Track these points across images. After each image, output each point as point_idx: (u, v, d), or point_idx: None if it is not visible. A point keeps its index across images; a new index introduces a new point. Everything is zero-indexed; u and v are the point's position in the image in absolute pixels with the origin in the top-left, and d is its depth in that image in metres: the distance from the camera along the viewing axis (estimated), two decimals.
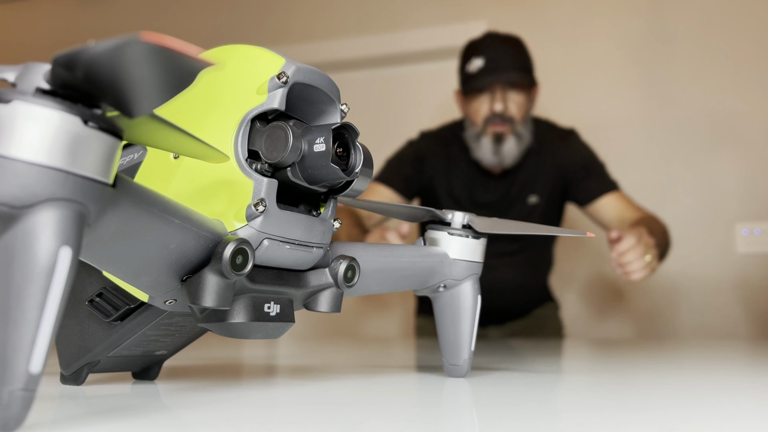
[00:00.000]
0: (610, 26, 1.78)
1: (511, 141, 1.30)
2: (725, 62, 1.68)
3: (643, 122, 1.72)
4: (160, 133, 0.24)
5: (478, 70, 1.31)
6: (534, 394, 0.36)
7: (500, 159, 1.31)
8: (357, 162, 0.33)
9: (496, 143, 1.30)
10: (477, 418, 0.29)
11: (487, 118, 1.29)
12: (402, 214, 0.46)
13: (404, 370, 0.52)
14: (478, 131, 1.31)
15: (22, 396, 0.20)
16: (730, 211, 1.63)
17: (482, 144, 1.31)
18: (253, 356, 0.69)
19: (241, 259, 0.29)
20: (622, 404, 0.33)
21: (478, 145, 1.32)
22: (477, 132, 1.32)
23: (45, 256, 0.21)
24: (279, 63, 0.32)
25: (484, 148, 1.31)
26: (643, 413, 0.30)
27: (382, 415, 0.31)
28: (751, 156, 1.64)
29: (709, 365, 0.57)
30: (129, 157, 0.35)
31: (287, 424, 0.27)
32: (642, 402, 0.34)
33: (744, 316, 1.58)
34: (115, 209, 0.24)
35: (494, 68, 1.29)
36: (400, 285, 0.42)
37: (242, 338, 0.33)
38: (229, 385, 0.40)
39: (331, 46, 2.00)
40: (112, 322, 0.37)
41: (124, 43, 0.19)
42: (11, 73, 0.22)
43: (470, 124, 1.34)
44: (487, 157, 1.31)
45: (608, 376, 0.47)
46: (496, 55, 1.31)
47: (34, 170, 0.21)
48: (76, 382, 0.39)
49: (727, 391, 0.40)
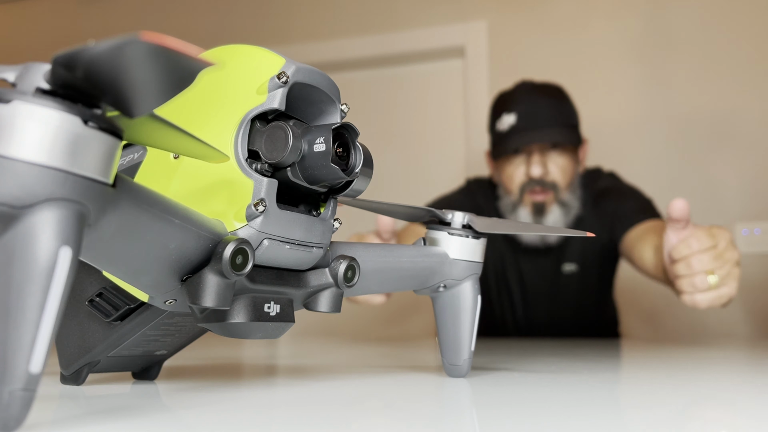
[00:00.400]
0: (610, 26, 1.78)
1: (555, 212, 1.08)
2: (725, 62, 1.68)
3: (643, 122, 1.72)
4: (160, 133, 0.24)
5: (510, 128, 1.08)
6: (534, 395, 0.36)
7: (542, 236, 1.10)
8: (357, 162, 0.33)
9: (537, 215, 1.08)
10: (477, 419, 0.29)
11: (524, 184, 1.08)
12: (402, 214, 0.46)
13: (404, 370, 0.52)
14: (515, 200, 1.10)
15: (22, 396, 0.20)
16: (730, 211, 1.63)
17: (519, 216, 1.09)
18: (253, 356, 0.69)
19: (241, 259, 0.29)
20: (622, 404, 0.33)
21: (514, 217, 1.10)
22: (513, 201, 1.10)
23: (45, 256, 0.21)
24: (279, 63, 0.32)
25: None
26: (643, 413, 0.30)
27: (382, 415, 0.31)
28: (751, 156, 1.64)
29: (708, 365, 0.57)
30: (129, 157, 0.35)
31: (287, 424, 0.27)
32: (642, 402, 0.34)
33: (744, 316, 1.58)
34: (115, 209, 0.24)
35: (530, 125, 1.07)
36: (400, 285, 0.42)
37: (242, 338, 0.33)
38: (229, 385, 0.40)
39: (331, 46, 2.00)
40: (112, 322, 0.37)
41: (124, 43, 0.19)
42: (11, 73, 0.22)
43: (504, 192, 1.12)
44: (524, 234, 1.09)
45: (608, 376, 0.47)
46: (531, 108, 1.09)
47: (34, 170, 0.21)
48: (76, 382, 0.39)
49: (727, 391, 0.40)
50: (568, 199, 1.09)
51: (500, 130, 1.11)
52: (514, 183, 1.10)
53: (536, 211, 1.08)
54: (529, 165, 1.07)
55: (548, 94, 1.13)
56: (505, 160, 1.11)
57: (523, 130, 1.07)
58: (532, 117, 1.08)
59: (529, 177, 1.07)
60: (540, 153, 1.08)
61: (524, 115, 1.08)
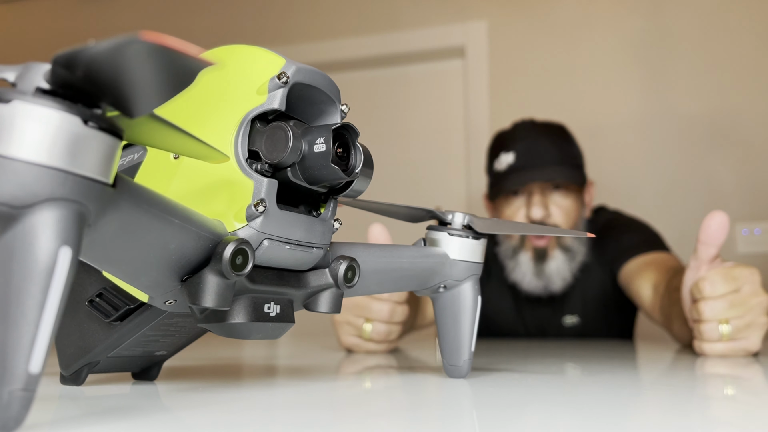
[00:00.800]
0: (610, 26, 1.78)
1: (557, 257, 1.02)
2: (725, 62, 1.68)
3: (643, 122, 1.72)
4: (160, 133, 0.24)
5: (509, 167, 1.02)
6: (534, 395, 0.36)
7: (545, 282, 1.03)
8: (357, 162, 0.33)
9: (539, 261, 1.02)
10: (477, 419, 0.29)
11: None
12: (401, 214, 0.46)
13: (404, 371, 0.52)
14: (515, 245, 1.04)
15: (22, 396, 0.20)
16: (730, 211, 1.63)
17: (520, 262, 1.03)
18: (253, 356, 0.69)
19: (241, 260, 0.29)
20: (622, 405, 0.33)
21: (515, 263, 1.04)
22: (513, 246, 1.05)
23: (45, 256, 0.20)
24: (279, 63, 0.32)
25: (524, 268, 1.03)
26: (643, 413, 0.30)
27: (382, 415, 0.30)
28: (751, 156, 1.64)
29: (708, 365, 0.57)
30: (129, 157, 0.35)
31: (287, 424, 0.27)
32: (642, 402, 0.34)
33: None
34: (115, 209, 0.24)
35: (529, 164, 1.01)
36: (400, 285, 0.42)
37: (242, 339, 0.33)
38: (229, 385, 0.40)
39: (331, 46, 2.00)
40: (112, 322, 0.37)
41: (124, 43, 0.19)
42: (11, 72, 0.22)
43: (504, 236, 1.07)
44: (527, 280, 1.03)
45: (608, 376, 0.47)
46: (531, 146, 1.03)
47: (34, 170, 0.21)
48: (76, 382, 0.39)
49: (727, 391, 0.40)
50: (571, 244, 1.03)
51: (498, 170, 1.04)
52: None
53: (538, 257, 1.02)
54: (530, 207, 1.01)
55: (549, 132, 1.07)
56: (504, 202, 1.05)
57: (523, 169, 1.01)
58: (531, 155, 1.02)
59: (529, 220, 1.00)
60: (541, 194, 1.02)
61: (523, 154, 1.02)
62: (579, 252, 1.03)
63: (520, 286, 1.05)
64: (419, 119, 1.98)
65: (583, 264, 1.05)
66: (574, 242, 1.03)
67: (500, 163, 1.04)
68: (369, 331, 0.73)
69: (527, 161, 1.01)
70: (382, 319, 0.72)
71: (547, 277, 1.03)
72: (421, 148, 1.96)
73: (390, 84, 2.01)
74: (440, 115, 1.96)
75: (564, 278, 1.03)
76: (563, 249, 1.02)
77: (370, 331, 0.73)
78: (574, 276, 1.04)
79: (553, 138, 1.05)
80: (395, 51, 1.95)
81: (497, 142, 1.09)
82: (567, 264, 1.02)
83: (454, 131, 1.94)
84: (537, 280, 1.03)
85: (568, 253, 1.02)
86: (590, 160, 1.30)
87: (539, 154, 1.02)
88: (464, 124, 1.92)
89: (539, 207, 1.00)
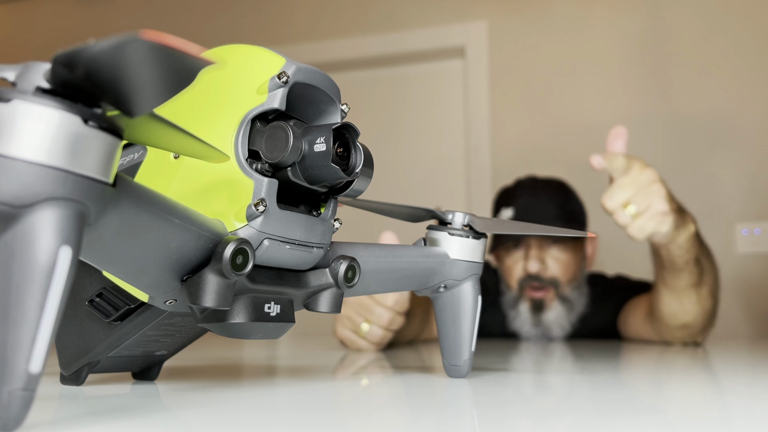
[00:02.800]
0: (610, 26, 1.78)
1: (556, 308, 1.05)
2: (725, 62, 1.68)
3: (643, 122, 1.72)
4: (161, 133, 0.24)
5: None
6: (534, 395, 0.36)
7: (543, 331, 1.06)
8: (357, 162, 0.32)
9: (536, 312, 1.05)
10: (477, 419, 0.29)
11: (522, 280, 1.06)
12: (402, 214, 0.46)
13: (404, 371, 0.52)
14: (515, 296, 1.08)
15: (22, 396, 0.20)
16: (730, 211, 1.63)
17: (520, 312, 1.07)
18: (253, 356, 0.69)
19: (242, 259, 0.29)
20: (623, 405, 0.33)
21: (515, 313, 1.08)
22: (514, 297, 1.08)
23: (45, 255, 0.20)
24: (279, 63, 0.31)
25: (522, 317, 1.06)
26: (643, 413, 0.30)
27: (382, 415, 0.30)
28: (751, 156, 1.64)
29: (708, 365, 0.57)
30: (129, 157, 0.35)
31: (287, 424, 0.27)
32: (642, 402, 0.34)
33: (744, 316, 1.58)
34: (115, 209, 0.24)
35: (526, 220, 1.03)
36: (400, 285, 0.42)
37: (242, 338, 0.33)
38: (229, 385, 0.40)
39: (331, 46, 2.00)
40: (112, 322, 0.37)
41: (124, 42, 0.19)
42: (11, 72, 0.22)
43: (506, 287, 1.11)
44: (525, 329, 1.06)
45: (609, 376, 0.47)
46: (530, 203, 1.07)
47: (34, 169, 0.20)
48: (76, 382, 0.39)
49: (727, 392, 0.40)
50: (570, 295, 1.06)
51: None
52: (513, 278, 1.08)
53: (535, 308, 1.05)
54: (527, 260, 1.05)
55: (549, 189, 1.10)
56: (505, 253, 1.09)
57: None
58: (529, 212, 1.06)
59: (526, 273, 1.05)
60: (538, 248, 1.05)
61: (522, 210, 1.06)
62: (578, 304, 1.07)
63: (520, 335, 1.08)
64: (419, 119, 1.98)
65: (583, 316, 1.08)
66: (575, 294, 1.06)
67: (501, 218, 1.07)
68: (366, 331, 0.76)
69: (525, 217, 1.05)
70: (381, 324, 0.76)
71: (545, 326, 1.06)
72: (421, 148, 1.96)
73: (390, 84, 2.01)
74: (440, 115, 1.96)
75: (563, 327, 1.06)
76: (562, 299, 1.05)
77: (366, 331, 0.76)
78: (573, 326, 1.07)
79: (552, 195, 1.10)
80: (395, 51, 1.95)
81: (499, 198, 1.14)
82: (566, 314, 1.05)
83: (454, 131, 1.94)
84: (535, 329, 1.06)
85: (566, 303, 1.05)
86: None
87: (537, 210, 1.06)
88: (464, 124, 1.92)
89: (535, 261, 1.04)
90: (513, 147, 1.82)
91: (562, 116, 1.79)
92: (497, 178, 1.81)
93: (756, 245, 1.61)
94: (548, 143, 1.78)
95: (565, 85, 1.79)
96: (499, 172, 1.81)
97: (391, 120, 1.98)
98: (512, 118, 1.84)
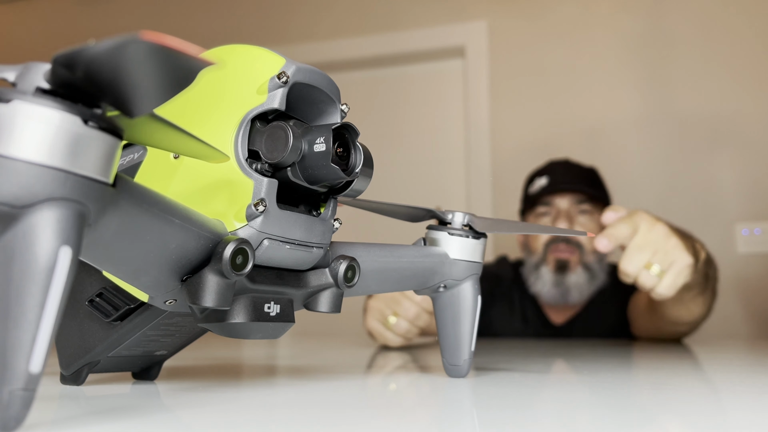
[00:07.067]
0: (610, 26, 1.78)
1: (579, 273, 1.05)
2: (725, 62, 1.68)
3: (643, 122, 1.72)
4: (160, 133, 0.24)
5: (541, 189, 1.09)
6: (534, 395, 0.36)
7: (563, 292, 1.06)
8: (357, 162, 0.33)
9: (559, 273, 1.06)
10: (477, 419, 0.29)
11: (548, 242, 1.07)
12: (402, 214, 0.46)
13: (404, 371, 0.52)
14: (538, 260, 1.08)
15: (22, 396, 0.20)
16: (730, 211, 1.63)
17: (542, 274, 1.07)
18: (253, 356, 0.69)
19: (241, 259, 0.29)
20: (622, 405, 0.33)
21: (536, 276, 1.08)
22: (536, 261, 1.09)
23: (45, 255, 0.20)
24: (279, 63, 0.32)
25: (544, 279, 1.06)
26: (643, 414, 0.30)
27: (382, 415, 0.30)
28: (751, 156, 1.64)
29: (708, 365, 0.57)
30: (129, 157, 0.35)
31: (287, 424, 0.27)
32: (642, 402, 0.34)
33: (744, 316, 1.58)
34: (115, 209, 0.24)
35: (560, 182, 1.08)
36: (400, 285, 0.42)
37: (242, 338, 0.33)
38: (229, 385, 0.40)
39: (331, 46, 2.00)
40: (112, 322, 0.37)
41: (124, 43, 0.19)
42: (11, 72, 0.22)
43: (529, 253, 1.11)
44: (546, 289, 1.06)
45: (609, 376, 0.47)
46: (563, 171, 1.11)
47: (34, 170, 0.21)
48: (76, 382, 0.39)
49: (727, 392, 0.40)
50: (593, 264, 1.06)
51: (531, 192, 1.12)
52: (539, 242, 1.08)
53: (559, 268, 1.06)
54: (555, 221, 1.06)
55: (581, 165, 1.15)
56: (533, 219, 1.10)
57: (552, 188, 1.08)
58: (563, 177, 1.10)
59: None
60: (567, 214, 1.07)
61: (555, 176, 1.10)
62: (599, 275, 1.07)
63: (540, 297, 1.09)
64: (419, 119, 1.98)
65: (600, 289, 1.08)
66: (596, 265, 1.07)
67: (533, 187, 1.12)
68: (393, 323, 0.80)
69: (558, 182, 1.08)
70: (407, 317, 0.80)
71: (565, 288, 1.06)
72: (421, 148, 1.96)
73: (390, 84, 2.01)
74: (440, 115, 1.96)
75: (581, 293, 1.06)
76: (585, 266, 1.06)
77: (393, 323, 0.80)
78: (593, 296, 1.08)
79: (584, 170, 1.14)
80: (395, 51, 1.95)
81: (533, 174, 1.17)
82: (587, 282, 1.06)
83: (454, 131, 1.94)
84: (555, 289, 1.06)
85: (588, 271, 1.06)
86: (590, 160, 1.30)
87: (570, 176, 1.10)
88: (464, 124, 1.92)
89: (564, 220, 1.05)
90: (513, 147, 1.82)
91: (562, 116, 1.79)
92: (497, 178, 1.81)
93: (756, 245, 1.61)
94: (548, 143, 1.78)
95: (565, 85, 1.79)
96: (499, 172, 1.81)
97: (391, 120, 1.98)
98: (512, 118, 1.84)
